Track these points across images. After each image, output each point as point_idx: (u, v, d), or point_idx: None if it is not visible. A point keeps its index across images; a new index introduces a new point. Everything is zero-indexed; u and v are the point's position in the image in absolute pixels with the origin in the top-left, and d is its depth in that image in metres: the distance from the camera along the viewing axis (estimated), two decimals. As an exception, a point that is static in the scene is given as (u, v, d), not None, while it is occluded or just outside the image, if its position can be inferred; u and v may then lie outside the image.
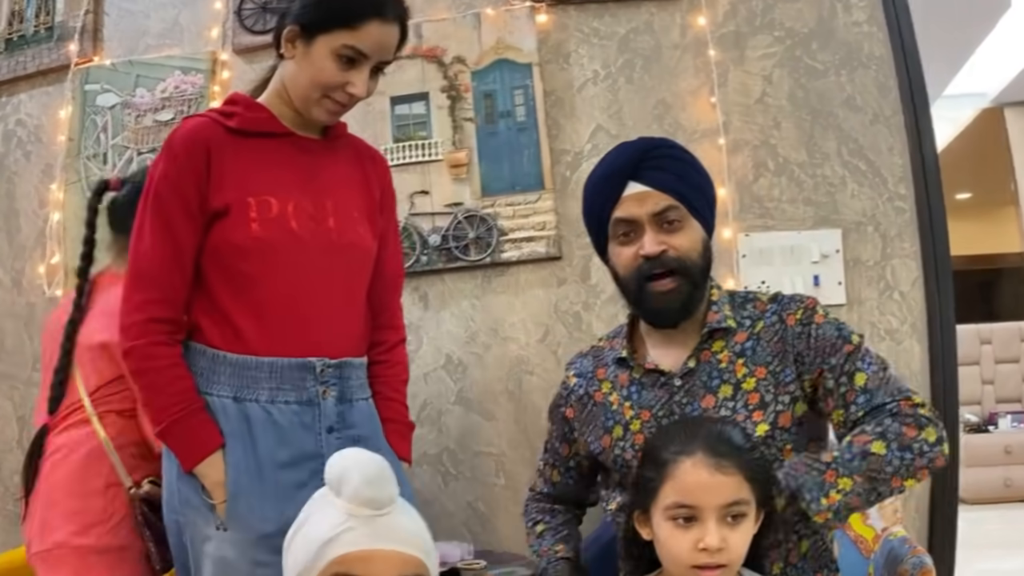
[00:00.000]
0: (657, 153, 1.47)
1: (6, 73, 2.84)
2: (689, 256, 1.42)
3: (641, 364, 1.49)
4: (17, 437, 2.70)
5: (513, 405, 2.37)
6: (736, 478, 1.19)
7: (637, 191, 1.44)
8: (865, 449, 1.30)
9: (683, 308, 1.44)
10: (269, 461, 1.38)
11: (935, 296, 2.24)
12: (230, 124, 1.46)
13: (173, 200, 1.41)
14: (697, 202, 1.46)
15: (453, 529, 2.34)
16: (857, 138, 2.28)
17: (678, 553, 1.20)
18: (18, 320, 2.72)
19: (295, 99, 1.48)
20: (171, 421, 1.37)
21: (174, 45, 2.69)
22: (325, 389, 1.43)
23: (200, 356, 1.41)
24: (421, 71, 2.43)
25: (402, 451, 1.54)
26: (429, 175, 2.43)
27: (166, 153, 1.44)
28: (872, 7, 2.32)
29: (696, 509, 1.18)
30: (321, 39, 1.44)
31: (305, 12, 1.45)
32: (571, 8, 2.42)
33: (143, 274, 1.41)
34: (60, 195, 2.68)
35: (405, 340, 1.65)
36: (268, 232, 1.42)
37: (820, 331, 1.41)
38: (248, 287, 1.42)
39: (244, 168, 1.45)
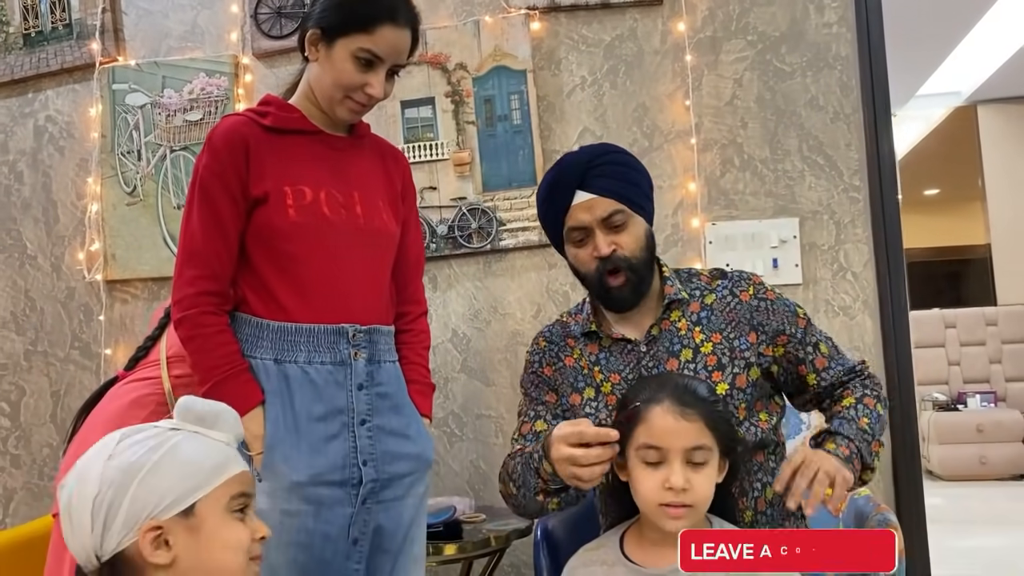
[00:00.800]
0: (600, 161, 1.55)
1: (29, 69, 2.91)
2: (635, 253, 1.53)
3: (609, 334, 1.58)
4: (51, 411, 2.84)
5: (510, 373, 2.52)
6: (699, 424, 1.26)
7: (585, 199, 1.52)
8: (878, 413, 1.52)
9: (635, 294, 1.55)
10: (305, 415, 1.45)
11: (886, 277, 2.40)
12: (265, 122, 1.53)
13: (217, 188, 1.48)
14: (638, 200, 1.56)
15: (458, 486, 2.51)
16: (817, 135, 2.42)
17: (647, 491, 1.26)
18: (56, 303, 2.85)
19: (320, 99, 1.55)
20: (217, 380, 1.43)
21: (196, 47, 2.78)
22: (356, 351, 1.50)
23: (245, 324, 1.49)
24: (427, 77, 2.56)
25: (424, 408, 1.61)
26: (436, 172, 2.57)
27: (208, 147, 1.51)
28: (844, 7, 2.43)
29: (663, 451, 1.25)
30: (340, 42, 1.50)
31: (325, 16, 1.51)
32: (562, 15, 2.54)
33: (193, 252, 1.48)
34: (97, 188, 2.80)
35: (427, 312, 1.72)
36: (303, 217, 1.49)
37: (775, 305, 1.56)
38: (288, 264, 1.49)
39: (279, 161, 1.52)
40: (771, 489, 1.51)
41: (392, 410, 1.53)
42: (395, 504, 1.50)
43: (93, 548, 1.01)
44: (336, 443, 1.44)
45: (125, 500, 1.00)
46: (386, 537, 1.49)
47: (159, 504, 1.01)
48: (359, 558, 1.46)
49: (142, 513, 1.00)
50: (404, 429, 1.53)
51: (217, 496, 1.04)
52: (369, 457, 1.47)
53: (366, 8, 1.50)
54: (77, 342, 2.85)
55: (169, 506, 1.01)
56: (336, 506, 1.44)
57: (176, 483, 1.02)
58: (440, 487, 2.50)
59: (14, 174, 2.93)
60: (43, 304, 2.89)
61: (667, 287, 1.59)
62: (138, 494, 1.00)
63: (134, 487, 1.00)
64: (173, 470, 1.03)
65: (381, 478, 1.47)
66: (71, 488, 1.03)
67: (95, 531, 1.00)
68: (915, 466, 2.42)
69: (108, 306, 2.81)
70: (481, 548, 1.86)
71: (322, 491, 1.43)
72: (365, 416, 1.48)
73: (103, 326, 2.79)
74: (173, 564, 1.01)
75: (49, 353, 2.87)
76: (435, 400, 2.49)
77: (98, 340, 2.80)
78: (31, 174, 2.92)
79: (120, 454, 1.03)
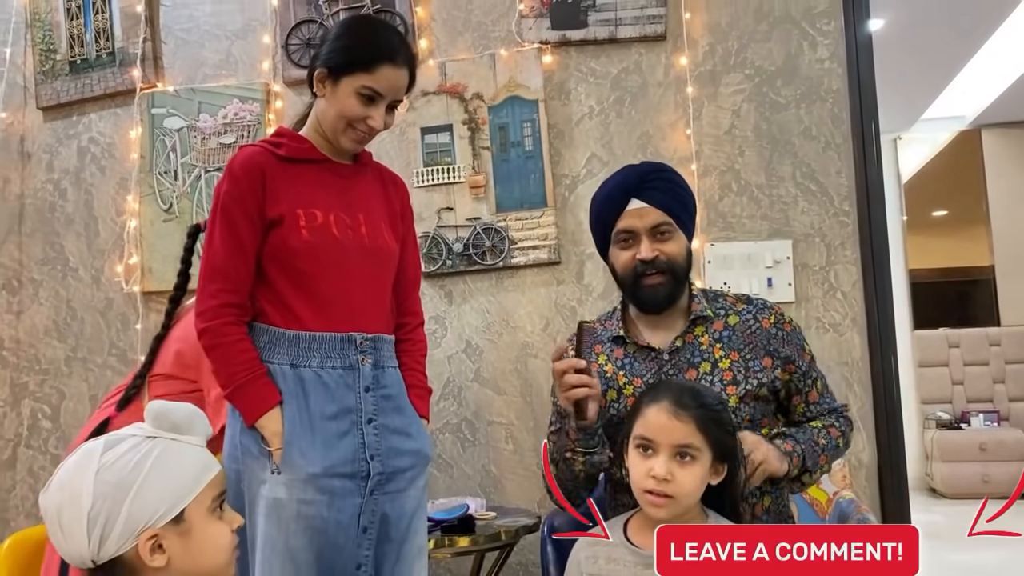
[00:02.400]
0: (655, 176, 1.70)
1: (74, 94, 3.07)
2: (676, 260, 1.66)
3: (635, 341, 1.70)
4: (89, 414, 2.82)
5: (520, 383, 2.65)
6: (690, 426, 1.34)
7: (638, 207, 1.66)
8: (835, 443, 1.67)
9: (668, 297, 1.67)
10: (319, 414, 1.55)
11: (873, 295, 2.52)
12: (279, 152, 1.64)
13: (237, 211, 1.59)
14: (684, 217, 1.70)
15: (470, 488, 2.64)
16: (810, 163, 2.55)
17: (635, 476, 1.37)
18: (96, 312, 3.00)
19: (326, 130, 1.66)
20: (238, 384, 1.54)
21: (230, 75, 2.94)
22: (363, 357, 1.61)
23: (264, 333, 1.59)
24: (446, 106, 2.71)
25: (422, 410, 1.71)
26: (453, 194, 2.71)
27: (229, 174, 1.62)
28: (835, 45, 2.57)
29: (653, 443, 1.35)
30: (345, 80, 1.61)
31: (331, 57, 1.63)
32: (572, 49, 2.69)
33: (216, 268, 1.59)
34: (136, 205, 2.95)
35: (423, 323, 1.82)
36: (315, 237, 1.60)
37: (790, 337, 1.71)
38: (302, 280, 1.60)
39: (293, 186, 1.62)
40: (768, 497, 1.65)
41: (395, 410, 1.64)
42: (399, 496, 1.61)
43: (90, 555, 1.07)
44: (347, 439, 1.56)
45: (121, 513, 1.07)
46: (391, 526, 1.61)
47: (153, 515, 1.08)
48: (368, 545, 1.57)
49: (138, 524, 1.07)
50: (406, 428, 1.64)
51: (201, 500, 1.12)
52: (376, 452, 1.58)
53: (368, 50, 1.63)
54: (114, 349, 3.00)
55: (162, 515, 1.09)
56: (347, 496, 1.54)
57: (167, 494, 1.10)
58: (453, 488, 2.64)
59: (58, 191, 3.08)
60: (83, 313, 3.02)
61: (694, 304, 1.71)
62: (133, 508, 1.07)
63: (128, 501, 1.07)
64: (163, 482, 1.10)
65: (386, 471, 1.58)
66: (59, 500, 1.09)
67: (92, 542, 1.06)
68: (900, 479, 2.51)
69: (144, 315, 2.95)
70: (492, 542, 1.98)
71: (335, 482, 1.54)
72: (372, 415, 1.59)
73: (139, 334, 2.93)
74: (168, 566, 1.09)
75: (88, 359, 3.01)
76: (450, 407, 2.69)
77: (134, 347, 2.94)
78: (74, 192, 3.07)
79: (108, 468, 1.08)
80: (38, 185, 3.11)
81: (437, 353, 2.72)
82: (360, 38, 1.66)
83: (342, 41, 1.66)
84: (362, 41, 1.65)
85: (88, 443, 1.13)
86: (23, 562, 1.81)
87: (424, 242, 2.71)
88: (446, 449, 2.70)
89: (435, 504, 2.23)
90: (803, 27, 2.60)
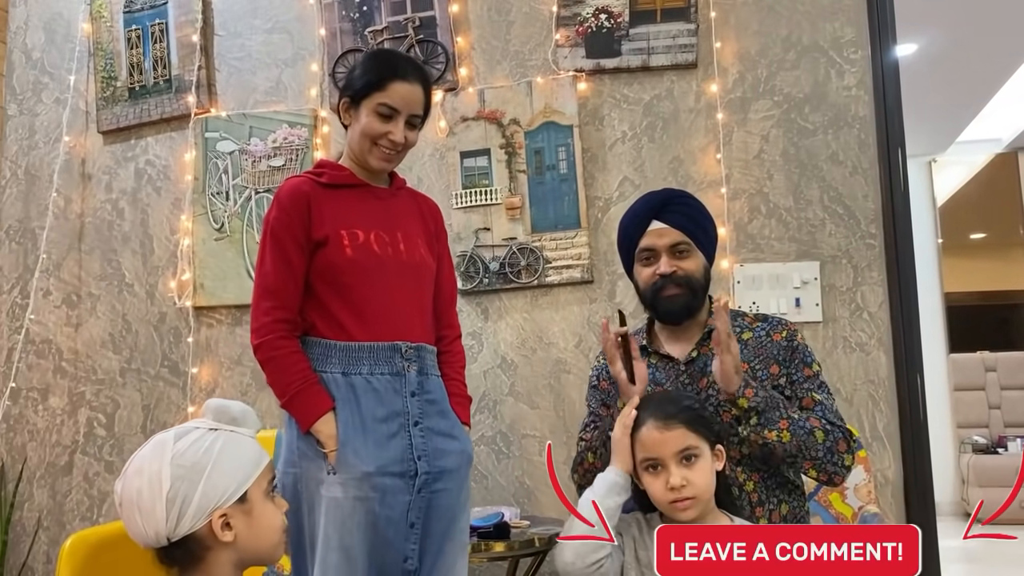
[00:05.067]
0: (676, 201, 1.84)
1: (133, 119, 3.21)
2: (693, 275, 1.78)
3: (656, 351, 1.83)
4: (142, 423, 3.10)
5: (554, 397, 2.72)
6: (680, 429, 1.45)
7: (658, 227, 1.79)
8: (811, 428, 1.66)
9: (685, 308, 1.78)
10: (370, 417, 1.66)
11: (899, 316, 2.56)
12: (322, 180, 1.78)
13: (285, 235, 1.71)
14: (702, 239, 1.81)
15: (504, 499, 2.71)
16: (837, 187, 2.62)
17: (655, 495, 1.45)
18: (150, 325, 3.12)
19: (355, 154, 1.80)
20: (294, 393, 1.65)
21: (279, 101, 3.06)
22: (408, 364, 1.72)
23: (316, 345, 1.71)
24: (484, 131, 2.82)
25: (463, 417, 1.82)
26: (490, 215, 2.81)
27: (277, 203, 1.75)
28: (862, 72, 2.64)
29: (658, 459, 1.44)
30: (364, 103, 1.75)
31: (350, 86, 1.78)
32: (606, 77, 2.79)
33: (267, 288, 1.71)
34: (189, 224, 3.08)
35: (461, 336, 1.93)
36: (358, 254, 1.72)
37: (799, 351, 1.78)
38: (348, 294, 1.72)
39: (335, 210, 1.75)
40: (786, 506, 1.73)
41: (439, 414, 1.74)
42: (444, 494, 1.71)
43: (166, 533, 1.20)
44: (396, 440, 1.66)
45: (196, 493, 1.20)
46: (436, 521, 1.70)
47: (223, 495, 1.22)
48: (415, 540, 1.67)
49: (211, 503, 1.21)
50: (450, 430, 1.75)
51: (259, 483, 1.27)
52: (423, 453, 1.68)
53: (378, 71, 1.77)
54: (167, 361, 3.11)
55: (230, 496, 1.22)
56: (398, 494, 1.64)
57: (234, 476, 1.24)
58: (488, 499, 2.72)
59: (116, 211, 3.22)
60: (137, 327, 3.15)
61: (711, 319, 1.80)
62: (207, 488, 1.21)
63: (203, 482, 1.21)
64: (230, 465, 1.24)
65: (432, 471, 1.68)
66: (138, 485, 1.22)
67: (170, 520, 1.19)
68: (928, 497, 2.53)
69: (195, 329, 3.07)
70: (526, 548, 2.06)
71: (386, 480, 1.64)
72: (418, 418, 1.70)
73: (190, 347, 3.05)
74: (234, 542, 1.23)
75: (142, 371, 3.12)
76: (485, 420, 2.79)
77: (185, 360, 3.06)
78: (131, 211, 3.21)
79: (182, 454, 1.22)
80: (97, 205, 3.25)
81: (474, 368, 2.81)
82: (371, 64, 1.80)
83: (357, 71, 1.80)
84: (373, 65, 1.79)
85: (159, 435, 1.27)
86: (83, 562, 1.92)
87: (462, 261, 2.81)
88: (481, 461, 2.77)
89: (471, 512, 2.30)
90: (831, 55, 2.68)
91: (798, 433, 1.67)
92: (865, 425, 2.56)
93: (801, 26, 2.71)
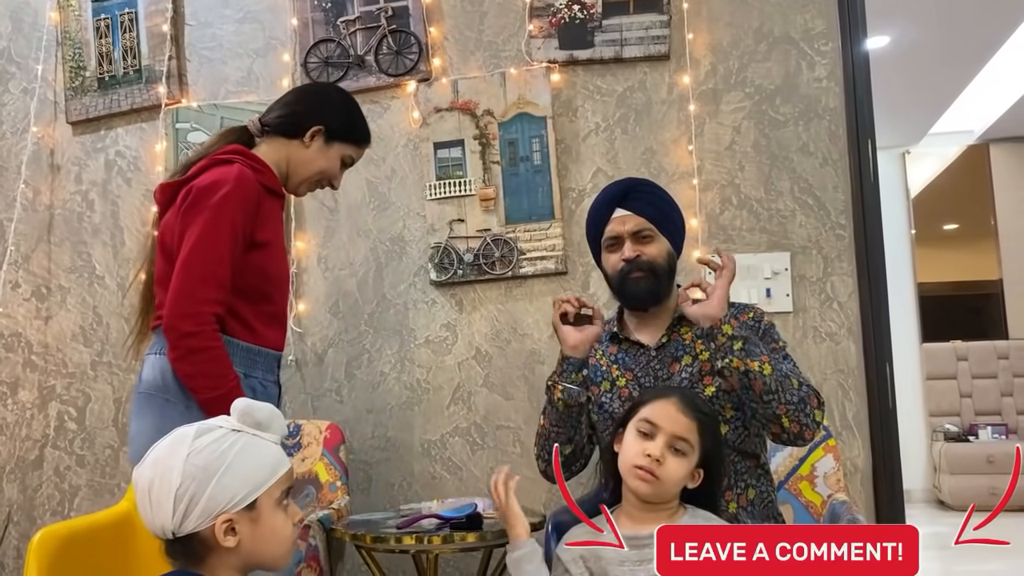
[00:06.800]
0: (638, 188, 1.91)
1: (102, 110, 3.15)
2: (656, 260, 1.84)
3: (627, 337, 1.89)
4: (113, 416, 3.06)
5: (528, 388, 2.72)
6: (692, 424, 1.49)
7: (621, 214, 1.86)
8: (787, 372, 1.70)
9: (650, 293, 1.84)
10: None
11: (869, 306, 2.59)
12: (264, 180, 1.81)
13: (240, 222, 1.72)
14: (665, 225, 1.87)
15: (479, 490, 2.69)
16: (808, 178, 2.64)
17: (629, 455, 1.50)
18: (121, 318, 3.06)
19: (293, 176, 1.90)
20: (227, 391, 1.63)
21: (251, 92, 3.03)
22: (279, 374, 1.89)
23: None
24: (458, 122, 2.81)
25: None
26: (464, 206, 2.80)
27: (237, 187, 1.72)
28: (833, 64, 2.65)
29: (656, 427, 1.49)
30: (338, 145, 1.88)
31: (334, 122, 1.89)
32: (579, 68, 2.78)
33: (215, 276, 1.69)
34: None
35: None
36: (283, 268, 1.84)
37: (768, 331, 1.86)
38: (263, 302, 1.80)
39: (271, 216, 1.82)
40: (753, 490, 1.78)
41: None
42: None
43: (172, 527, 1.19)
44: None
45: (204, 495, 1.18)
46: None
47: (231, 500, 1.19)
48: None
49: (217, 507, 1.19)
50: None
51: (271, 491, 1.24)
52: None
53: (364, 131, 1.99)
54: (138, 354, 3.09)
55: (239, 502, 1.20)
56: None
57: (245, 482, 1.21)
58: (462, 490, 2.73)
59: (86, 202, 3.18)
60: (108, 319, 3.11)
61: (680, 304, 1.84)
62: (215, 491, 1.19)
63: (212, 485, 1.19)
64: (242, 471, 1.21)
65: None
66: (151, 476, 1.21)
67: (175, 516, 1.18)
68: (896, 485, 2.57)
69: None
70: (499, 539, 2.04)
71: None
72: None
73: None
74: (237, 547, 1.21)
75: (113, 364, 3.09)
76: (460, 411, 2.78)
77: None
78: (101, 203, 3.17)
79: (198, 452, 1.20)
80: (67, 196, 3.20)
81: (448, 359, 2.82)
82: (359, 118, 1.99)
83: (345, 113, 1.93)
84: (360, 122, 1.98)
85: (182, 428, 1.26)
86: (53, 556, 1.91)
87: (436, 252, 2.81)
88: (456, 452, 2.78)
89: (444, 503, 2.31)
90: (801, 47, 2.69)
91: (778, 371, 1.69)
92: (835, 414, 2.58)
93: (772, 18, 2.72)
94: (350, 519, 2.36)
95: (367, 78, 2.93)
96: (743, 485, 1.78)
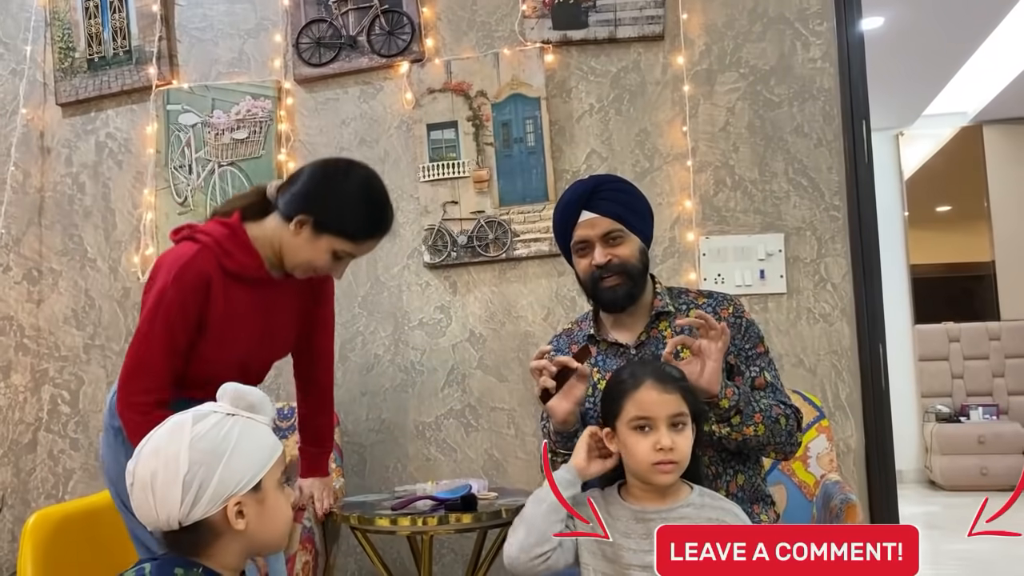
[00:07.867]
0: (604, 187, 1.80)
1: (92, 91, 3.13)
2: (628, 261, 1.77)
3: (605, 339, 1.83)
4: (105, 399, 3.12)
5: (522, 370, 2.72)
6: (676, 396, 1.46)
7: (588, 218, 1.77)
8: (776, 416, 1.70)
9: (627, 296, 1.78)
10: None
11: (862, 287, 2.59)
12: (228, 266, 1.76)
13: (179, 318, 1.73)
14: (634, 222, 1.79)
15: (473, 471, 2.73)
16: (802, 159, 2.63)
17: (641, 455, 1.44)
18: (113, 301, 3.08)
19: (287, 262, 1.80)
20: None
21: (242, 73, 3.01)
22: None
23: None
24: (451, 103, 2.79)
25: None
26: (458, 188, 2.79)
27: (176, 281, 1.72)
28: (827, 45, 2.64)
29: (651, 419, 1.44)
30: (326, 237, 1.74)
31: (321, 213, 1.73)
32: (573, 49, 2.76)
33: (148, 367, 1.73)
34: (152, 198, 3.03)
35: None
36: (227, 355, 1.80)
37: (749, 327, 1.80)
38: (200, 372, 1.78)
39: (227, 304, 1.77)
40: (742, 476, 1.77)
41: None
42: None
43: (179, 517, 1.17)
44: None
45: (214, 479, 1.17)
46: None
47: (240, 483, 1.19)
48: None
49: (227, 490, 1.18)
50: None
51: (272, 472, 1.24)
52: None
53: (362, 225, 1.77)
54: (131, 336, 3.07)
55: (246, 484, 1.20)
56: None
57: (251, 464, 1.21)
58: (457, 471, 2.74)
59: (77, 185, 3.16)
60: (101, 302, 3.11)
61: (656, 300, 1.84)
62: (224, 475, 1.18)
63: (221, 468, 1.18)
64: (247, 453, 1.21)
65: None
66: (153, 466, 1.19)
67: (184, 504, 1.17)
68: (888, 465, 2.58)
69: None
70: (494, 519, 2.06)
71: None
72: None
73: None
74: (245, 530, 1.21)
75: (105, 347, 3.09)
76: (454, 393, 2.78)
77: None
78: (92, 185, 3.15)
79: (201, 437, 1.19)
80: (57, 179, 3.19)
81: (442, 341, 2.82)
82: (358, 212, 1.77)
83: (344, 204, 1.75)
84: (361, 215, 1.77)
85: (175, 416, 1.24)
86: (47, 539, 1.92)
87: (430, 234, 2.80)
88: (450, 434, 2.79)
89: (439, 485, 2.32)
90: (796, 28, 2.68)
91: (768, 423, 1.69)
92: (828, 395, 2.59)
93: (767, -2, 2.70)
94: (345, 501, 2.36)
95: (359, 59, 2.91)
96: (732, 472, 1.77)
